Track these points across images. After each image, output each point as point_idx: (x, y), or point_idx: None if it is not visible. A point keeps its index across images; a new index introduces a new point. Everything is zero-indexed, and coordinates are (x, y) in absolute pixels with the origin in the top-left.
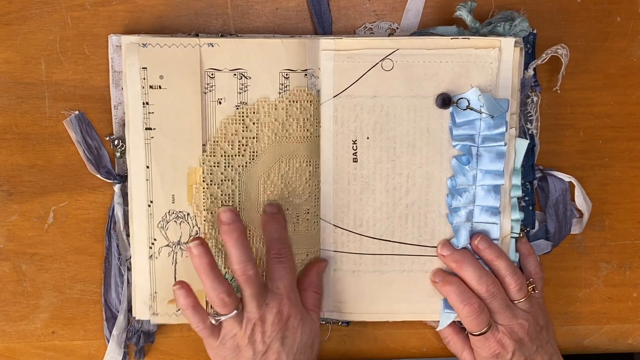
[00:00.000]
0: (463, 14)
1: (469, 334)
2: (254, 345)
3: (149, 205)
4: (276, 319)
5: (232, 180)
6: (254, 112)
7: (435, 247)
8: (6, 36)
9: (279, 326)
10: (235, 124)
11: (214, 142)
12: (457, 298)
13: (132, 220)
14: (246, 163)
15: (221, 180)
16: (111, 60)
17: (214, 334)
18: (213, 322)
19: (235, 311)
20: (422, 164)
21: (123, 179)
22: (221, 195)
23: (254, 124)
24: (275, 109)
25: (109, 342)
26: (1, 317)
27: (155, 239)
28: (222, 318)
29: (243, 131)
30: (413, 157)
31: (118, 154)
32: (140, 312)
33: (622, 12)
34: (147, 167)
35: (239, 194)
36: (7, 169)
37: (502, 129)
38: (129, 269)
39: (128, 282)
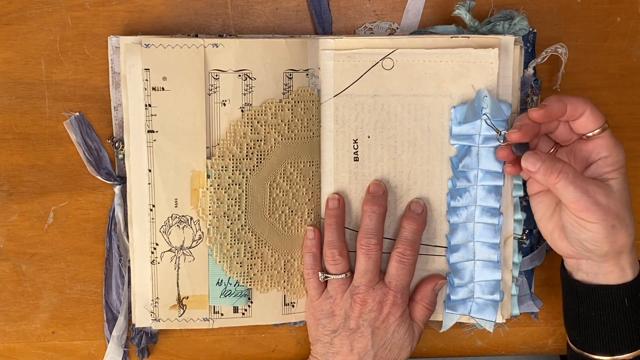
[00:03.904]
0: (462, 12)
1: (595, 140)
2: (347, 319)
3: (151, 210)
4: (376, 307)
5: (239, 184)
6: (261, 114)
7: (437, 246)
8: (6, 36)
9: (375, 314)
10: (244, 126)
11: (223, 145)
12: (575, 97)
13: (131, 225)
14: (254, 166)
15: (228, 185)
16: (111, 62)
17: (317, 288)
18: (320, 277)
19: (342, 275)
20: (422, 162)
21: (123, 180)
22: (228, 199)
23: (261, 126)
24: (282, 110)
25: (109, 342)
26: (1, 317)
27: (157, 244)
28: (329, 277)
29: (251, 133)
30: (414, 156)
31: (120, 156)
32: (141, 319)
33: (622, 12)
34: (150, 170)
35: (246, 198)
36: (7, 169)
37: (503, 130)
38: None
39: (129, 284)
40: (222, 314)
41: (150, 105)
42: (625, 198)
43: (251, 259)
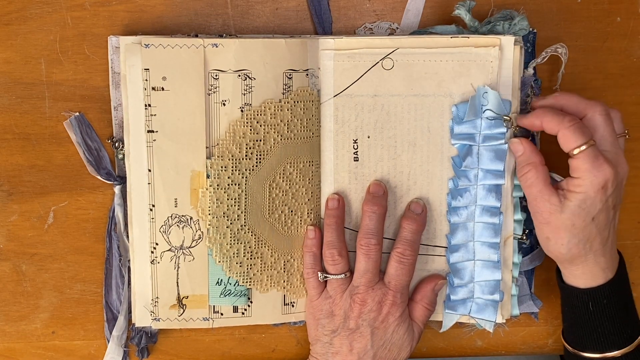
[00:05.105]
0: (462, 12)
1: (571, 161)
2: (346, 319)
3: (151, 209)
4: (375, 307)
5: (238, 184)
6: (260, 114)
7: (437, 246)
8: (6, 36)
9: (375, 314)
10: (243, 126)
11: (222, 145)
12: (553, 115)
13: (131, 224)
14: (253, 166)
15: (228, 185)
16: (111, 62)
17: (317, 288)
18: (320, 276)
19: (342, 275)
20: (422, 162)
21: (123, 180)
22: (227, 199)
23: (261, 126)
24: (281, 110)
25: (109, 342)
26: (1, 317)
27: (157, 244)
28: (329, 277)
29: (251, 133)
30: (414, 156)
31: (120, 156)
32: (141, 318)
33: (622, 12)
34: (149, 170)
35: (245, 198)
36: (7, 169)
37: (503, 129)
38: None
39: (129, 284)
40: (221, 314)
41: (150, 105)
42: (571, 222)
43: (251, 258)
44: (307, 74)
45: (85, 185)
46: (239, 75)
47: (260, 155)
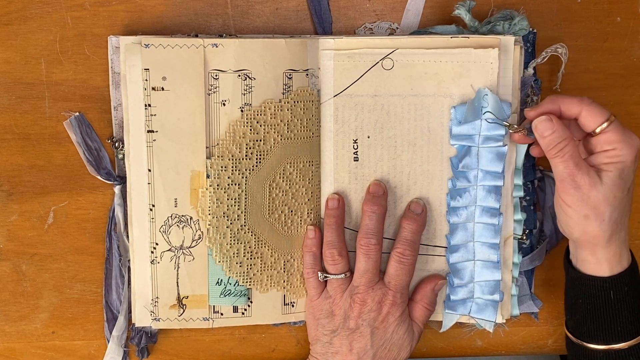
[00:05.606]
0: (462, 12)
1: (599, 137)
2: (346, 319)
3: (151, 209)
4: (375, 307)
5: (238, 184)
6: (260, 114)
7: (437, 246)
8: (6, 36)
9: (375, 314)
10: (243, 126)
11: (222, 145)
12: (570, 97)
13: (131, 224)
14: (253, 166)
15: (228, 185)
16: (111, 62)
17: (317, 288)
18: (320, 276)
19: (342, 275)
20: (422, 162)
21: (123, 180)
22: (227, 199)
23: (261, 126)
24: (281, 110)
25: (109, 342)
26: (1, 317)
27: (157, 244)
28: (329, 277)
29: (251, 133)
30: (414, 156)
31: (120, 156)
32: (141, 318)
33: (622, 12)
34: (149, 170)
35: (245, 198)
36: (7, 169)
37: (502, 130)
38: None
39: (129, 283)
40: (221, 314)
41: (150, 105)
42: (612, 194)
43: (251, 258)
44: (307, 74)
45: (85, 185)
46: (239, 75)
47: (260, 155)
